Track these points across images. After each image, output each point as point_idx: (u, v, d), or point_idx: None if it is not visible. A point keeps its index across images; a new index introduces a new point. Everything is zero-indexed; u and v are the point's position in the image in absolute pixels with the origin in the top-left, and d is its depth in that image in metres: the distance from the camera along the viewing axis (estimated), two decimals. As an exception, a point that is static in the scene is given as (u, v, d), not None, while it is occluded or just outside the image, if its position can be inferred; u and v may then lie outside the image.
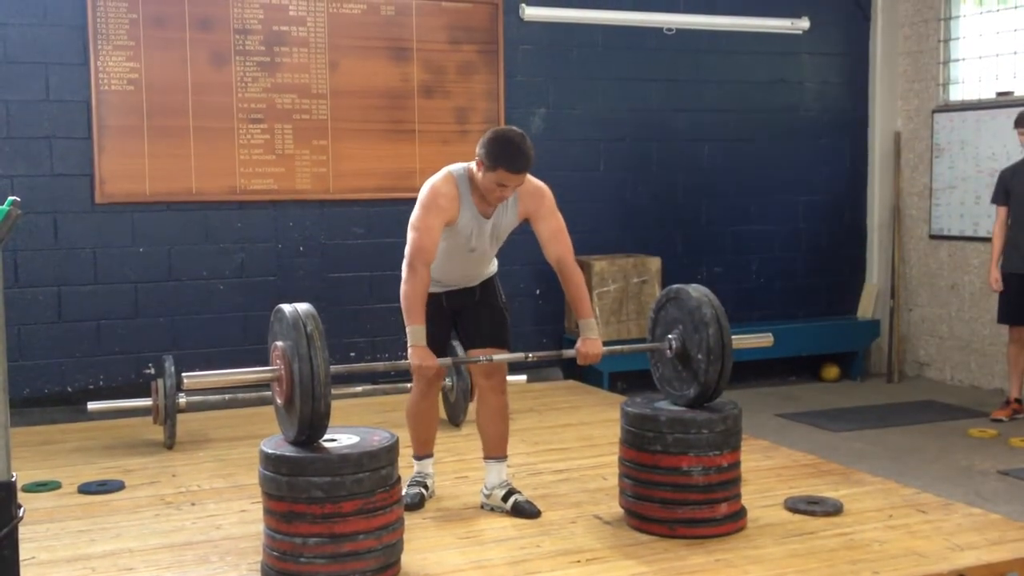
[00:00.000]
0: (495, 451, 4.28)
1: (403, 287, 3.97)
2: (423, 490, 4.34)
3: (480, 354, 4.15)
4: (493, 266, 4.32)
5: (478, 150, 3.90)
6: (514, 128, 3.98)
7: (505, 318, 4.30)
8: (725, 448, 3.96)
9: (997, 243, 6.66)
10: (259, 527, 3.67)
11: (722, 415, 3.97)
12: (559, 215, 4.11)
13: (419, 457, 4.43)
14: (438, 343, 4.10)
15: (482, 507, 4.29)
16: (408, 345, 3.91)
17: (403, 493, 3.92)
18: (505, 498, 4.22)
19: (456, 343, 4.69)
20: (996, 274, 6.61)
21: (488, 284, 4.30)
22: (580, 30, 7.43)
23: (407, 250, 3.97)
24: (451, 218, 3.97)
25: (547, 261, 4.13)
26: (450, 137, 7.06)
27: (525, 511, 4.17)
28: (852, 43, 8.26)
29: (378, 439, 3.59)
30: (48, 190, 6.25)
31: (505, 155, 3.84)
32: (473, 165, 3.96)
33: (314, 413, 3.41)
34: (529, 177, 4.03)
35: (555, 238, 4.08)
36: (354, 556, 3.42)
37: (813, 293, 8.30)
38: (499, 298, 4.32)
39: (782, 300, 8.20)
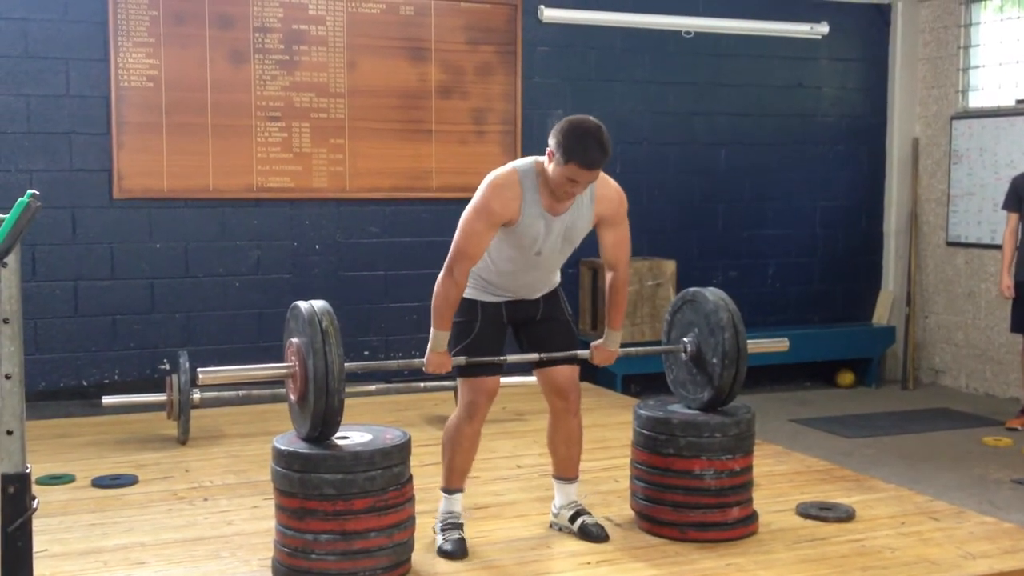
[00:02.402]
0: (565, 472, 4.04)
1: (437, 287, 3.66)
2: (462, 533, 3.84)
3: (553, 373, 3.88)
4: (556, 277, 3.95)
5: (550, 140, 3.54)
6: (590, 118, 3.58)
7: (574, 333, 3.97)
8: (738, 452, 3.95)
9: (1008, 250, 6.62)
10: (271, 523, 3.68)
11: (735, 419, 3.97)
12: (627, 223, 3.83)
13: (450, 491, 3.91)
14: (491, 355, 3.78)
15: (551, 527, 4.09)
16: (428, 348, 3.71)
17: (439, 540, 3.81)
18: (572, 519, 4.00)
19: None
20: (1008, 281, 6.58)
21: (552, 297, 3.93)
22: (598, 32, 7.43)
23: (451, 250, 3.66)
24: (509, 219, 3.61)
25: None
26: (467, 137, 7.07)
27: (592, 534, 3.93)
28: (871, 48, 8.23)
29: (391, 437, 3.60)
30: (67, 185, 6.28)
31: (579, 149, 3.47)
32: (543, 157, 3.62)
33: (328, 408, 3.42)
34: (608, 179, 3.75)
35: (619, 246, 3.82)
36: (365, 554, 3.43)
37: (829, 299, 8.28)
38: (565, 311, 3.97)
39: (797, 305, 8.18)
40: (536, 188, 3.64)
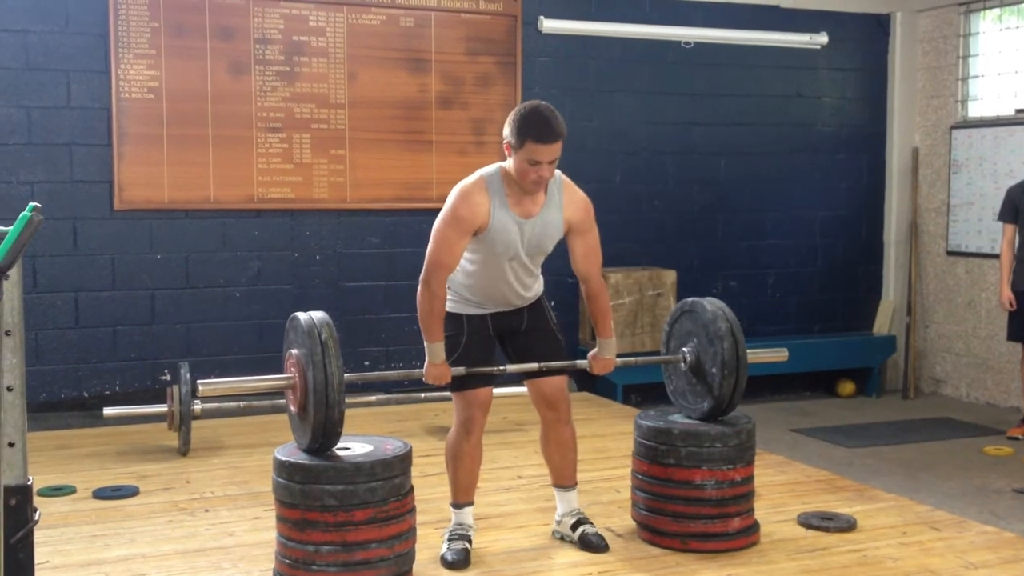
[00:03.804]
0: (562, 480, 4.04)
1: (418, 301, 3.72)
2: (467, 544, 3.86)
3: (542, 383, 3.89)
4: (539, 285, 3.96)
5: (504, 132, 3.63)
6: (539, 101, 3.67)
7: (560, 342, 3.99)
8: (738, 462, 3.95)
9: (1006, 262, 6.61)
10: (272, 534, 3.68)
11: (736, 429, 3.97)
12: (597, 231, 3.88)
13: (459, 506, 3.94)
14: (480, 367, 3.80)
15: (553, 535, 4.11)
16: (426, 362, 3.74)
17: (443, 550, 3.83)
18: (573, 528, 4.01)
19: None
20: (1008, 294, 6.56)
21: (536, 307, 3.95)
22: (598, 43, 7.45)
23: (425, 261, 3.71)
24: (480, 225, 3.66)
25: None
26: (467, 148, 7.08)
27: (592, 544, 3.94)
28: (871, 58, 8.25)
29: (391, 448, 3.60)
30: (68, 196, 6.29)
31: (531, 125, 3.54)
32: (507, 162, 3.68)
33: (328, 420, 3.42)
34: (576, 187, 3.82)
35: (589, 255, 3.86)
36: (366, 565, 3.43)
37: (829, 308, 8.28)
38: (550, 321, 3.99)
39: (798, 315, 8.18)
40: (504, 192, 3.69)
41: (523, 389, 5.06)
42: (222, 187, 6.57)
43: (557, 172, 3.75)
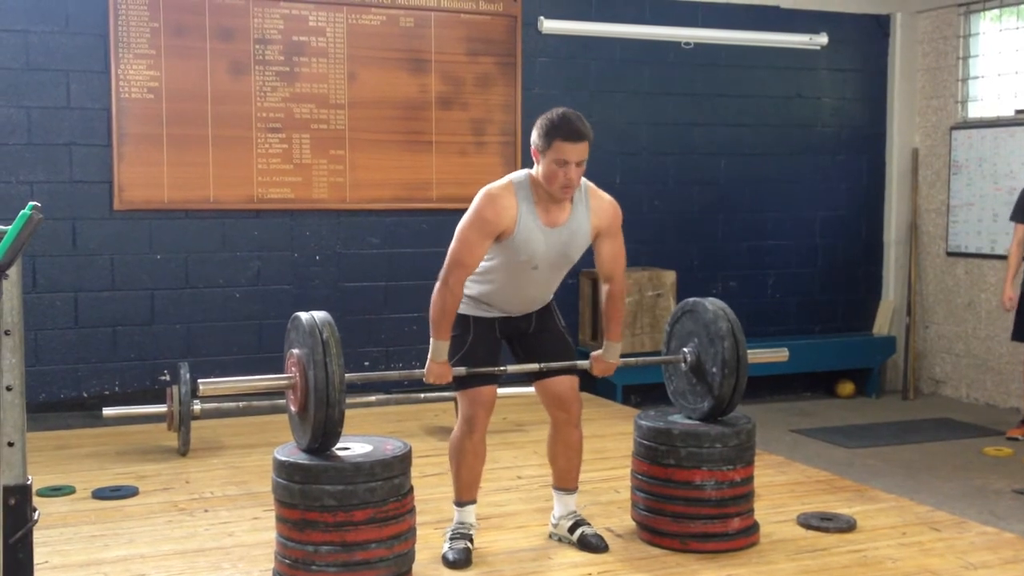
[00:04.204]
0: (564, 483, 4.04)
1: (433, 297, 3.69)
2: (469, 544, 3.86)
3: (552, 384, 3.91)
4: (550, 294, 3.98)
5: (532, 137, 3.63)
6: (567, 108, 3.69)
7: (568, 343, 3.98)
8: (738, 463, 3.95)
9: (1013, 262, 6.60)
10: (271, 535, 3.68)
11: (736, 429, 3.97)
12: (622, 234, 3.87)
13: (461, 503, 3.93)
14: (486, 367, 3.81)
15: (550, 537, 4.10)
16: (428, 359, 3.74)
17: (445, 549, 3.84)
18: (571, 529, 4.01)
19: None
20: (1011, 293, 6.55)
21: (544, 310, 3.96)
22: (598, 43, 7.45)
23: (446, 259, 3.69)
24: (505, 229, 3.64)
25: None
26: (467, 148, 7.08)
27: (591, 545, 3.94)
28: (870, 59, 8.25)
29: (391, 448, 3.60)
30: (67, 197, 6.29)
31: (558, 125, 3.55)
32: (535, 169, 3.67)
33: (328, 419, 3.42)
34: (602, 192, 3.81)
35: (616, 258, 3.85)
36: (365, 565, 3.43)
37: (829, 309, 8.28)
38: (558, 322, 3.99)
39: (797, 315, 8.18)
40: (532, 199, 3.68)
41: (526, 389, 5.08)
42: (222, 187, 6.57)
43: (583, 179, 3.73)
